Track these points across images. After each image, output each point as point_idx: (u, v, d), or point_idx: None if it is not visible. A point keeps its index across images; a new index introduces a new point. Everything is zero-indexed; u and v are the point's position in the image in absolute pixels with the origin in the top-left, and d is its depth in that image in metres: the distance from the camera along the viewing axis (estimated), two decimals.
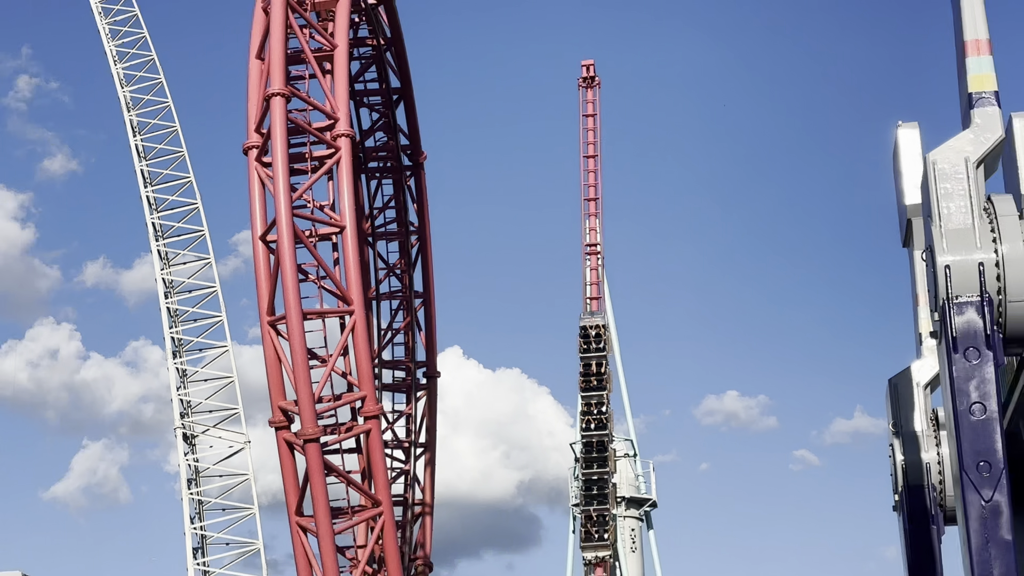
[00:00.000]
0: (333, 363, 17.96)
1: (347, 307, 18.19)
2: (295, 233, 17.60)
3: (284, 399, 17.70)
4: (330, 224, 18.68)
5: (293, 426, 17.62)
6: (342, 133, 18.28)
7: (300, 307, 17.42)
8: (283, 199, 17.53)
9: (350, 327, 17.89)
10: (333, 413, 18.72)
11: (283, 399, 17.69)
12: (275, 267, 17.84)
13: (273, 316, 17.80)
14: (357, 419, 18.68)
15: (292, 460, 17.71)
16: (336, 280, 18.62)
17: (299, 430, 17.26)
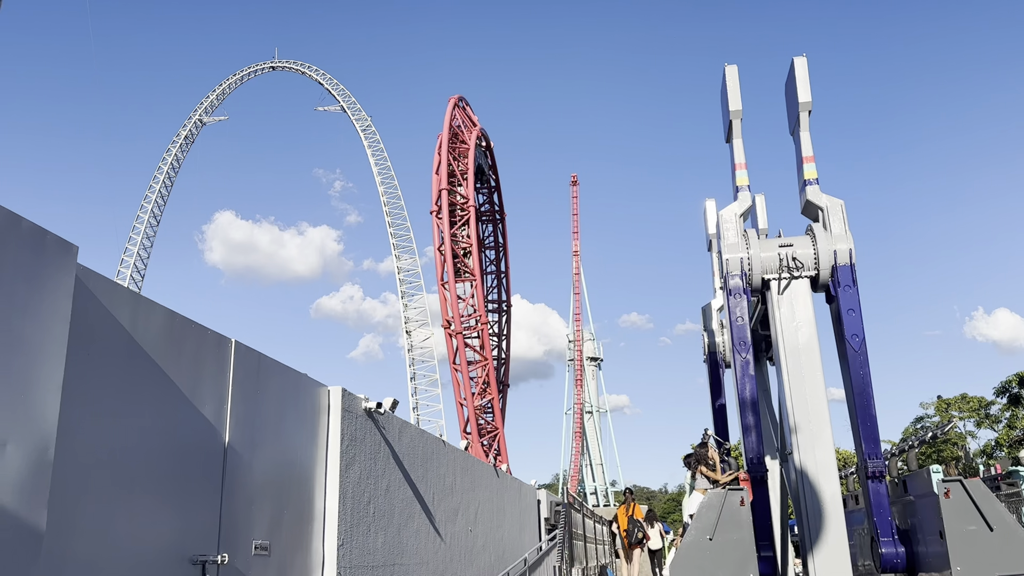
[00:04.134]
0: (471, 297, 43.53)
1: (473, 277, 43.37)
2: (451, 247, 43.10)
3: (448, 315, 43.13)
4: (466, 241, 44.20)
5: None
6: (471, 205, 43.86)
7: (453, 274, 42.94)
8: (447, 230, 43.08)
9: (479, 283, 43.16)
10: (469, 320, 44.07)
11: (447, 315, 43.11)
12: (441, 269, 43.28)
13: (445, 280, 43.30)
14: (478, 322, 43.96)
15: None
16: (468, 264, 44.04)
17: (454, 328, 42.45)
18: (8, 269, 3.88)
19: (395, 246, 63.60)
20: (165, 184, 69.83)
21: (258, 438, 6.46)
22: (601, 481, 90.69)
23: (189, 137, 71.36)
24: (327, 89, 70.45)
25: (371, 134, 68.28)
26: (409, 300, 63.83)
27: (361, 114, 69.28)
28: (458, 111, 47.11)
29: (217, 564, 5.51)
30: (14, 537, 3.75)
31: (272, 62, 71.90)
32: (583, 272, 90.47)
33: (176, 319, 5.52)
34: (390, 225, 63.98)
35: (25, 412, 3.90)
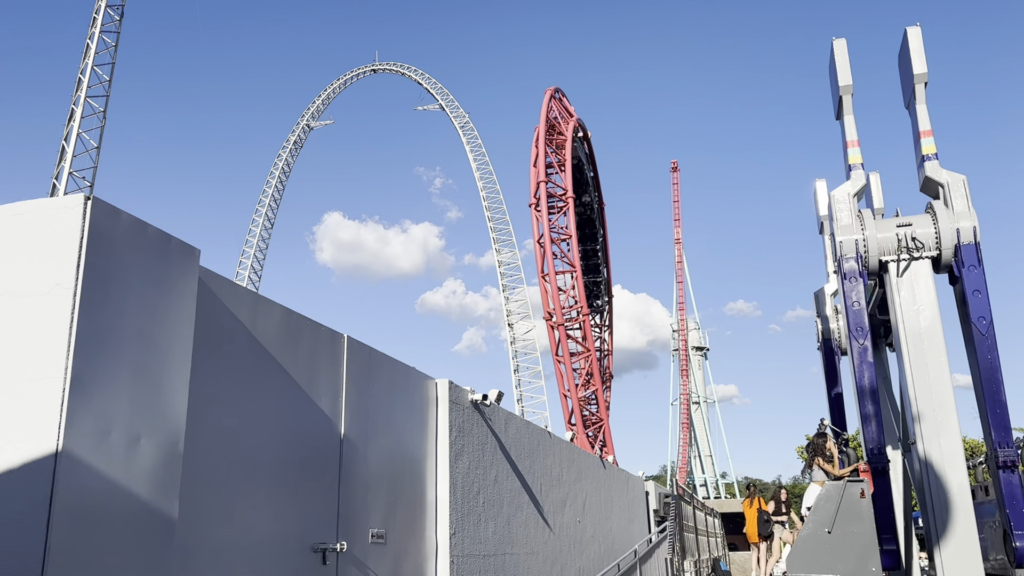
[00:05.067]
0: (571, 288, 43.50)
1: (573, 268, 43.33)
2: (551, 239, 43.13)
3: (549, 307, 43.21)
4: (565, 232, 44.13)
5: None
6: (570, 196, 43.76)
7: (553, 266, 42.96)
8: (545, 222, 43.15)
9: (579, 274, 43.09)
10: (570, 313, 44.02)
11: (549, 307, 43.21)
12: (541, 261, 43.42)
13: (545, 272, 43.41)
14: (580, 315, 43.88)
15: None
16: (568, 256, 43.98)
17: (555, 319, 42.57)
18: (137, 274, 4.13)
19: (495, 240, 64.14)
20: (277, 188, 72.76)
21: (371, 429, 6.65)
22: (711, 473, 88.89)
23: (298, 142, 74.08)
24: (425, 88, 71.68)
25: (469, 130, 69.08)
26: (510, 293, 64.26)
27: (459, 111, 70.16)
28: (554, 103, 47.04)
29: (337, 552, 5.71)
30: (150, 525, 4.00)
31: (373, 65, 73.67)
32: (686, 260, 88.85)
33: (292, 316, 5.74)
34: (490, 220, 64.57)
35: (157, 408, 4.15)
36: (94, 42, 39.64)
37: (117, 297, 3.98)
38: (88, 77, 39.25)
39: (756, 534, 21.36)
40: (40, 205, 3.97)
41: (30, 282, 3.84)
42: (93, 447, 3.73)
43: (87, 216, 3.86)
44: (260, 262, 71.23)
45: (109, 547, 3.75)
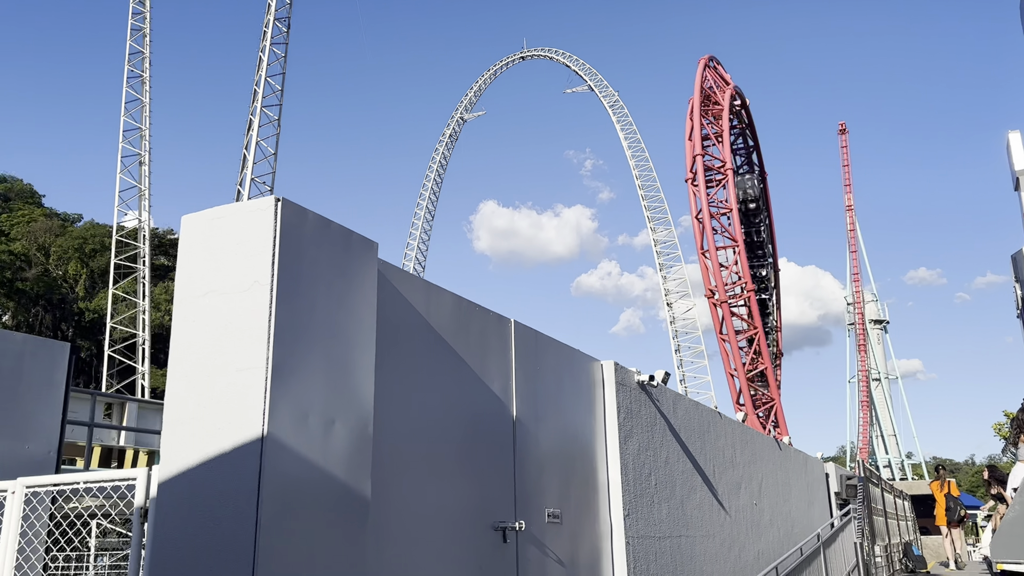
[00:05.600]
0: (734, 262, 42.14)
1: (734, 243, 41.82)
2: (709, 214, 41.86)
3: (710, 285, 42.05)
4: (725, 206, 42.71)
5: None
6: (729, 168, 42.26)
7: (714, 241, 41.67)
8: (704, 197, 41.94)
9: (741, 249, 41.61)
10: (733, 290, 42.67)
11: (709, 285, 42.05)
12: (700, 237, 42.20)
13: (705, 248, 42.25)
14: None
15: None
16: (729, 231, 42.51)
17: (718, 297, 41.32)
18: (324, 268, 4.39)
19: (650, 219, 63.13)
20: (436, 181, 75.23)
21: (541, 411, 6.75)
22: (895, 453, 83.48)
23: (453, 135, 76.20)
24: (574, 70, 71.49)
25: (619, 108, 68.27)
26: (667, 272, 63.09)
27: (608, 90, 69.48)
28: (709, 72, 45.50)
29: (516, 531, 5.86)
30: (346, 504, 4.26)
31: (522, 52, 74.34)
32: (859, 228, 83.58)
33: (462, 303, 5.91)
34: (643, 198, 63.60)
35: (347, 393, 4.40)
36: (265, 55, 42.54)
37: (308, 291, 4.25)
38: (262, 88, 42.21)
39: (944, 519, 19.93)
40: (236, 208, 4.31)
41: (231, 280, 4.18)
42: (293, 431, 4.02)
43: (278, 216, 4.15)
44: (423, 253, 73.98)
45: (310, 524, 4.03)
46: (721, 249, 41.49)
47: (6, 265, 61.49)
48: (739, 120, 47.78)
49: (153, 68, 46.56)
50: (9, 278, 61.75)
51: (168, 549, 3.87)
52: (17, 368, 6.08)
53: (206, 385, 4.06)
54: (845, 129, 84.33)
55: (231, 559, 3.68)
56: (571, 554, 6.80)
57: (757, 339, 40.19)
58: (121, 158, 44.66)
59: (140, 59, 45.70)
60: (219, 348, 4.10)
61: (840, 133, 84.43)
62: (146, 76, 45.41)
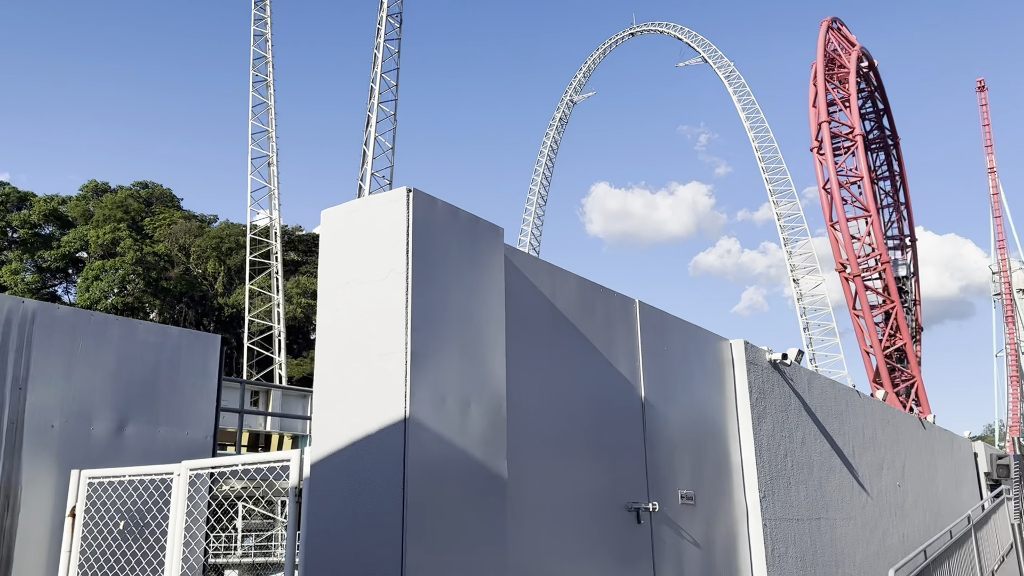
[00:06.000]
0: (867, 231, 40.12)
1: (867, 213, 39.75)
2: (838, 184, 39.91)
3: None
4: (855, 175, 40.63)
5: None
6: (858, 134, 40.14)
7: (844, 212, 39.76)
8: (831, 166, 40.03)
9: (875, 219, 39.52)
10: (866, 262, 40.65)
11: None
12: (829, 208, 40.32)
13: (834, 220, 40.37)
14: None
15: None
16: (860, 200, 40.45)
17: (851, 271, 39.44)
18: (454, 255, 4.50)
19: (771, 192, 60.89)
20: (547, 166, 75.30)
21: (670, 392, 6.68)
22: None
23: (563, 119, 75.95)
24: (686, 43, 69.68)
25: (735, 79, 66.07)
26: (792, 247, 60.74)
27: (723, 61, 67.36)
28: (832, 34, 43.29)
29: (650, 511, 5.84)
30: (484, 482, 4.37)
31: (631, 28, 73.10)
32: (1003, 191, 77.74)
33: (587, 285, 5.92)
34: (764, 171, 61.38)
35: (481, 376, 4.51)
36: (380, 52, 43.74)
37: (440, 277, 4.37)
38: (378, 84, 43.43)
39: None
40: (371, 201, 4.47)
41: (369, 270, 4.35)
42: (433, 413, 4.15)
43: (410, 207, 4.28)
44: (537, 239, 74.31)
45: (452, 502, 4.16)
46: (852, 220, 39.54)
47: (151, 266, 66.17)
48: (867, 83, 45.28)
49: (275, 71, 48.75)
50: (155, 278, 66.43)
51: (322, 524, 4.09)
52: (175, 360, 6.57)
53: (350, 370, 4.25)
54: (984, 86, 78.39)
55: (382, 533, 3.85)
56: (706, 536, 6.71)
57: (895, 313, 38.14)
58: (251, 160, 47.10)
59: (263, 63, 47.95)
60: (361, 335, 4.28)
61: (979, 91, 78.57)
62: (270, 80, 47.62)
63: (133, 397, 6.31)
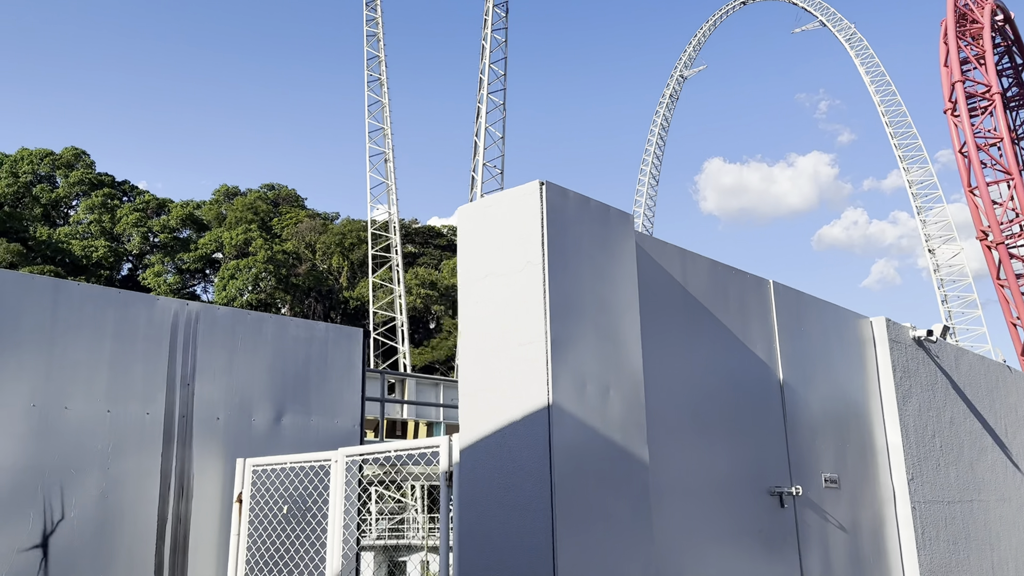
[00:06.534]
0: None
1: (1008, 176, 37.00)
2: (975, 146, 37.34)
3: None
4: (994, 136, 37.90)
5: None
6: (995, 92, 37.42)
7: (983, 176, 37.20)
8: (967, 128, 37.49)
9: (1018, 181, 36.78)
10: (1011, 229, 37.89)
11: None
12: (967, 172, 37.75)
13: (973, 185, 37.84)
14: None
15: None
16: (1000, 162, 37.70)
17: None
18: (587, 244, 4.57)
19: (901, 158, 57.62)
20: (658, 144, 74.06)
21: (808, 373, 6.52)
22: None
23: (674, 95, 74.45)
24: (802, 7, 66.80)
25: (857, 42, 62.82)
26: (926, 215, 57.39)
27: (843, 23, 64.16)
28: None
29: (793, 495, 5.74)
30: (627, 467, 4.43)
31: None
32: None
33: (718, 267, 5.86)
34: (892, 136, 58.14)
35: (618, 362, 4.57)
36: (488, 42, 44.17)
37: (575, 266, 4.46)
38: (487, 75, 43.91)
39: None
40: (504, 196, 4.60)
41: (506, 262, 4.48)
42: (574, 399, 4.25)
43: (544, 199, 4.37)
44: (650, 220, 73.29)
45: (597, 486, 4.25)
46: (992, 184, 36.96)
47: (281, 263, 69.58)
48: (1002, 37, 42.07)
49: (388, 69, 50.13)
50: (285, 274, 69.85)
51: (474, 508, 4.27)
52: (323, 353, 6.96)
53: (492, 359, 4.40)
54: None
55: (532, 517, 3.99)
56: (852, 520, 6.53)
57: None
58: (369, 158, 48.68)
59: (376, 62, 49.38)
60: (501, 325, 4.42)
61: None
62: (383, 78, 49.00)
63: (287, 389, 6.75)
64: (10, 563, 5.41)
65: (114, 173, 78.63)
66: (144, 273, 71.46)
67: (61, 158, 73.49)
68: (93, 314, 5.87)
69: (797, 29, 68.83)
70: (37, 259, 63.79)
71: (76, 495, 5.68)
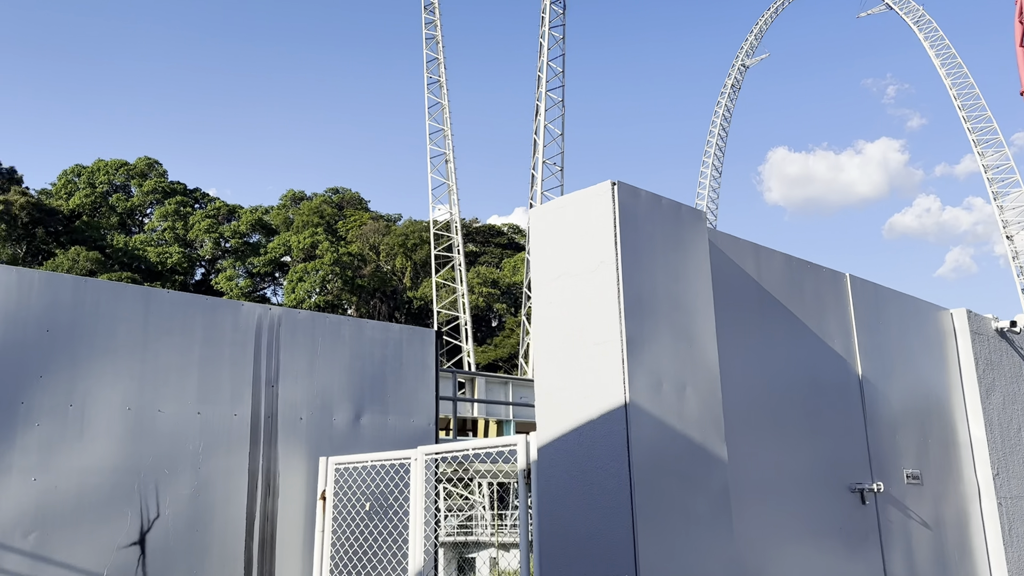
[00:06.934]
0: None
1: None
2: None
3: None
4: None
5: None
6: None
7: None
8: None
9: None
10: None
11: None
12: None
13: None
14: None
15: None
16: None
17: None
18: (659, 242, 4.59)
19: (975, 142, 55.50)
20: (720, 136, 72.92)
21: (887, 367, 6.40)
22: None
23: (735, 85, 73.17)
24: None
25: (926, 24, 60.73)
26: (1003, 200, 55.23)
27: (910, 5, 62.11)
28: None
29: (874, 492, 5.65)
30: (706, 467, 4.44)
31: None
32: None
33: (792, 261, 5.80)
34: (965, 120, 56.05)
35: (693, 359, 4.58)
36: (545, 40, 44.18)
37: (648, 265, 4.48)
38: (545, 73, 43.91)
39: None
40: (575, 197, 4.65)
41: (579, 262, 4.53)
42: (650, 398, 4.28)
43: (615, 199, 4.41)
44: (714, 212, 72.25)
45: (676, 485, 4.27)
46: None
47: (347, 265, 70.90)
48: None
49: (447, 71, 50.59)
50: (350, 276, 71.15)
51: (553, 506, 4.34)
52: (398, 354, 7.14)
53: (568, 359, 4.46)
54: None
55: (612, 515, 4.04)
56: (935, 516, 6.38)
57: None
58: (430, 159, 49.22)
59: (436, 65, 49.88)
60: (576, 325, 4.48)
61: None
62: (443, 80, 49.48)
63: (365, 389, 6.94)
64: (111, 559, 5.71)
65: (185, 181, 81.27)
66: (216, 278, 73.68)
67: (135, 168, 76.33)
68: (182, 320, 6.15)
69: (863, 13, 66.93)
70: (115, 266, 66.40)
71: (170, 494, 5.96)
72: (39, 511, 5.48)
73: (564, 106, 44.40)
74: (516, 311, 67.95)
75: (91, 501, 5.68)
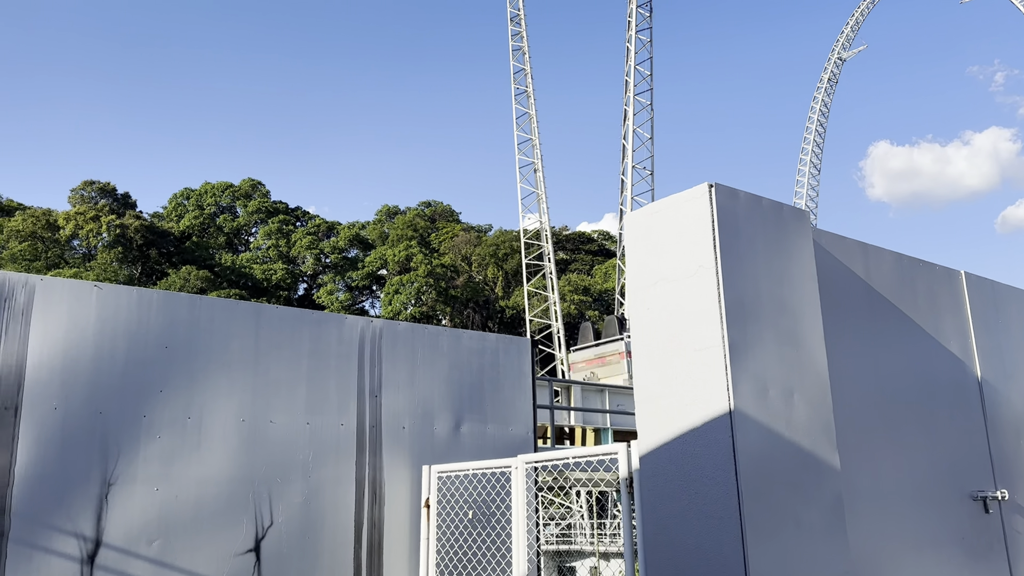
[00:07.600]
0: None
1: None
2: None
3: None
4: None
5: None
6: None
7: None
8: None
9: None
10: None
11: None
12: None
13: None
14: None
15: None
16: None
17: None
18: (761, 244, 4.47)
19: None
20: (818, 132, 70.56)
21: (1010, 369, 6.04)
22: None
23: (832, 79, 70.70)
24: None
25: None
26: None
27: None
28: None
29: (998, 500, 5.34)
30: (817, 475, 4.29)
31: None
32: None
33: (903, 260, 5.56)
34: None
35: (801, 364, 4.43)
36: (632, 44, 43.84)
37: (749, 268, 4.38)
38: (633, 77, 43.58)
39: None
40: (673, 201, 4.59)
41: (678, 267, 4.47)
42: (756, 404, 4.17)
43: (713, 202, 4.33)
44: (813, 211, 69.84)
45: (786, 494, 4.14)
46: None
47: (440, 276, 72.07)
48: None
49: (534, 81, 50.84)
50: (444, 287, 72.27)
51: (657, 515, 4.28)
52: (495, 363, 7.21)
53: (668, 366, 4.40)
54: None
55: (719, 524, 3.95)
56: None
57: None
58: (518, 169, 49.54)
59: (523, 75, 50.22)
60: (674, 331, 4.41)
61: None
62: (530, 90, 49.76)
63: (464, 398, 7.04)
64: (229, 566, 5.97)
65: (287, 200, 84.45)
66: (318, 292, 76.24)
67: (240, 189, 79.88)
68: (291, 334, 6.40)
69: None
70: (223, 284, 69.60)
71: (282, 502, 6.19)
72: (161, 520, 5.79)
73: (652, 110, 43.93)
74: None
75: (209, 510, 5.96)
